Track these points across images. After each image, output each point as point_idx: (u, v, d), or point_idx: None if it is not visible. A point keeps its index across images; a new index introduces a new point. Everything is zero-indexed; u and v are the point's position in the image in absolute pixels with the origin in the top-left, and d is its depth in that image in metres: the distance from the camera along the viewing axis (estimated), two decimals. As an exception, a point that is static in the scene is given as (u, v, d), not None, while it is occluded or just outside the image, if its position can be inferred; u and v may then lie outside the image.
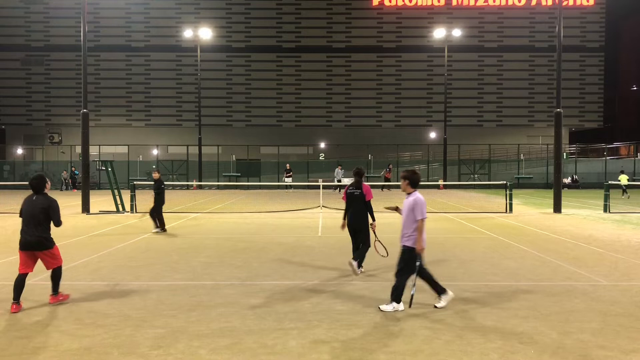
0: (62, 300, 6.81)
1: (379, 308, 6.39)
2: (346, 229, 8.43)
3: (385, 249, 8.12)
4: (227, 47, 50.28)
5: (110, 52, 49.75)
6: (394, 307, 6.33)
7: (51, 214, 6.51)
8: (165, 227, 13.76)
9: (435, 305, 6.48)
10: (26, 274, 6.55)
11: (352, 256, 8.33)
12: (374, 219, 8.19)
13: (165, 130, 50.16)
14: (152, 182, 13.96)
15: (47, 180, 6.80)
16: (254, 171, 41.83)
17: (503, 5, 50.27)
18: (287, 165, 34.09)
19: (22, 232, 6.52)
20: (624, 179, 28.27)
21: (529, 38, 50.51)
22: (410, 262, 6.31)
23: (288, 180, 31.95)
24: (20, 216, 6.60)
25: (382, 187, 34.07)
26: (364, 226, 8.19)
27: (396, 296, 6.36)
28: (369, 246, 8.20)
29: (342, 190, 30.37)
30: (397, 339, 5.35)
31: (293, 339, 5.36)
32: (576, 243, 11.76)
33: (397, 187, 36.80)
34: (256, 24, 50.56)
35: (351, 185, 8.30)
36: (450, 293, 6.57)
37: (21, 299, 6.50)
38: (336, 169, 32.78)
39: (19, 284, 6.44)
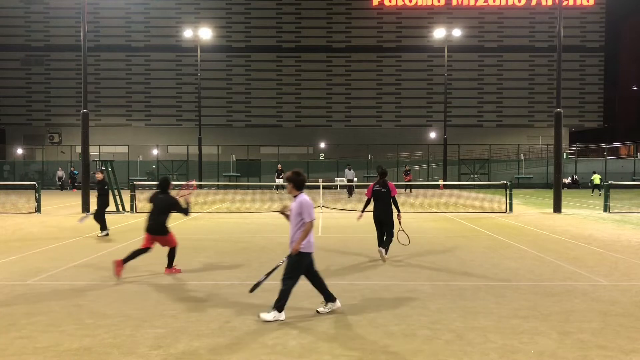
0: (174, 272, 8.34)
1: (259, 316, 5.95)
2: (362, 219, 9.80)
3: (408, 237, 10.11)
4: (227, 47, 50.28)
5: (110, 52, 49.75)
6: (274, 316, 5.88)
7: (176, 209, 8.26)
8: (107, 230, 12.95)
9: (317, 310, 6.20)
10: (147, 249, 8.25)
11: (376, 247, 9.64)
12: (399, 211, 9.51)
13: (165, 130, 50.16)
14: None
15: (170, 181, 8.67)
16: (254, 171, 41.84)
17: (503, 5, 50.27)
18: (279, 165, 32.92)
19: (149, 219, 8.26)
20: (596, 179, 31.07)
21: (529, 38, 50.52)
22: (297, 267, 6.00)
23: (279, 181, 31.04)
24: (149, 202, 8.43)
25: (410, 188, 33.44)
26: (390, 219, 9.44)
27: (279, 304, 5.92)
28: (393, 236, 9.51)
29: (353, 191, 30.10)
30: (397, 339, 5.36)
31: (293, 339, 5.36)
32: (576, 243, 11.76)
33: (418, 187, 36.81)
34: (256, 24, 50.57)
35: (377, 183, 9.49)
36: (337, 303, 6.24)
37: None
38: (345, 170, 32.03)
39: (135, 254, 8.12)
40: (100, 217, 12.95)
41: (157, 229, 8.21)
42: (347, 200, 25.77)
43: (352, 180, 29.13)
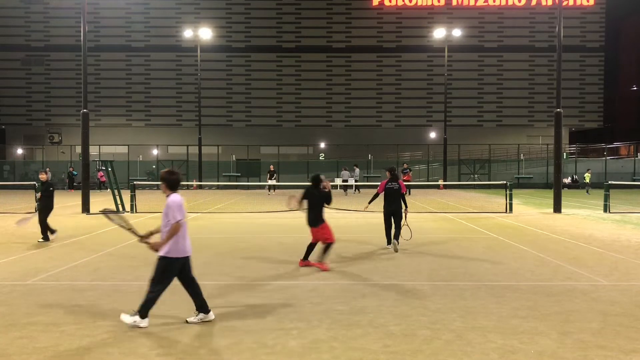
0: (322, 269, 8.81)
1: (120, 316, 5.75)
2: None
3: (411, 232, 11.48)
4: (227, 47, 50.27)
5: (110, 52, 49.73)
6: (134, 321, 5.62)
7: (327, 201, 9.21)
8: (49, 236, 11.85)
9: (187, 319, 5.90)
10: (315, 243, 9.22)
11: (387, 241, 10.98)
12: (406, 206, 10.84)
13: (165, 130, 50.15)
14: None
15: (325, 180, 9.57)
16: (254, 171, 41.83)
17: (503, 5, 50.26)
18: (271, 166, 32.00)
19: (309, 213, 9.25)
20: (587, 177, 31.63)
21: (529, 38, 50.51)
22: (165, 272, 5.67)
23: (272, 182, 30.69)
24: (304, 198, 9.28)
25: (408, 189, 33.53)
26: (400, 210, 10.76)
27: (143, 309, 5.64)
28: (400, 228, 10.72)
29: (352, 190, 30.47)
30: (397, 339, 5.35)
31: (293, 339, 5.36)
32: (576, 243, 11.76)
33: (418, 187, 36.74)
34: (256, 24, 50.56)
35: (389, 180, 10.87)
36: (210, 315, 5.92)
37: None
38: (343, 171, 32.03)
39: (310, 248, 9.25)
40: (42, 221, 11.77)
41: (317, 220, 9.15)
42: (346, 200, 25.78)
43: (347, 181, 29.82)
